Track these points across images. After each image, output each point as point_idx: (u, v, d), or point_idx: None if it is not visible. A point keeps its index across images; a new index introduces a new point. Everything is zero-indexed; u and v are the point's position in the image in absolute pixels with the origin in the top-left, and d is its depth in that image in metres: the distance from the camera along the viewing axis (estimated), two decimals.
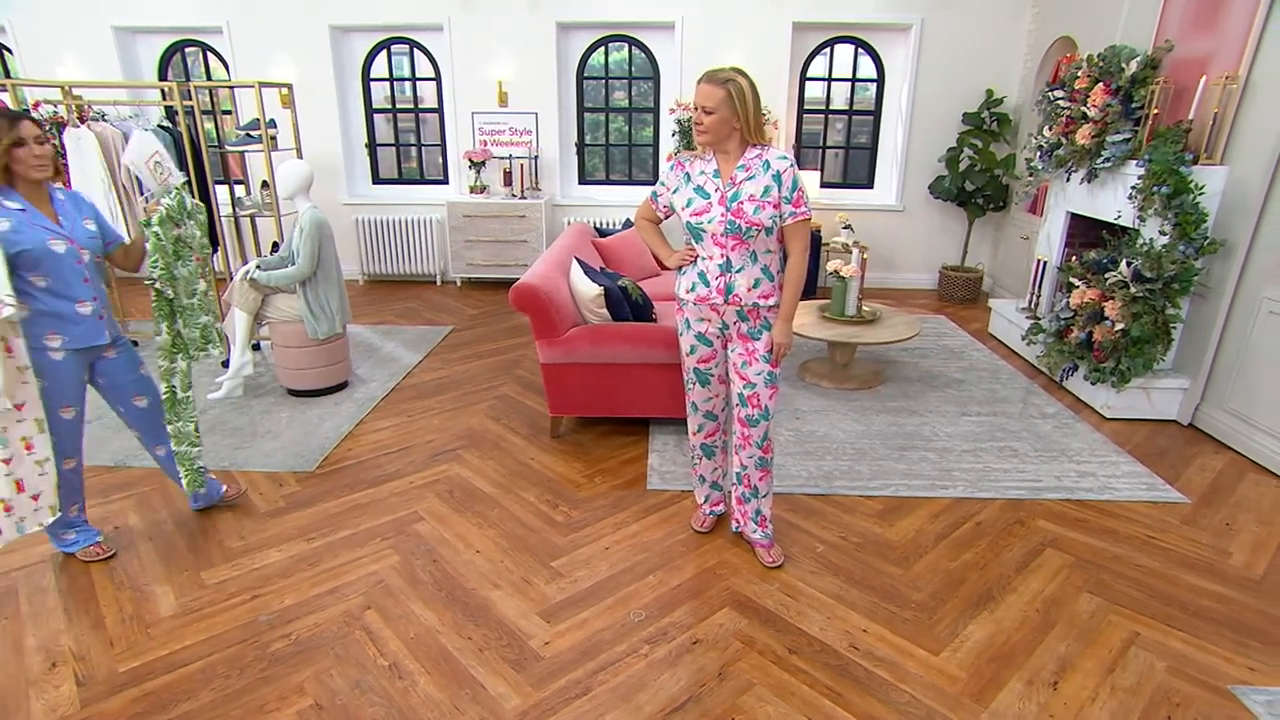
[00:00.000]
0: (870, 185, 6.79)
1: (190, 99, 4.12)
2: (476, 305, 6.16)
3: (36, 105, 4.90)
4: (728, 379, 2.60)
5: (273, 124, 4.28)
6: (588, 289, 3.44)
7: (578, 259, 3.65)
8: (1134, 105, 4.08)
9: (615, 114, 6.75)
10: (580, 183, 6.87)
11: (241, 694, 2.06)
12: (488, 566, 2.64)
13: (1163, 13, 4.15)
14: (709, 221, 2.36)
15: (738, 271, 2.39)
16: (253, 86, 4.18)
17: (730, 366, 2.55)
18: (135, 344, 4.91)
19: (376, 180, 6.93)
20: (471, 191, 6.47)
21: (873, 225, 6.64)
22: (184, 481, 2.80)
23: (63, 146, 4.18)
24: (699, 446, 2.78)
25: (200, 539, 2.80)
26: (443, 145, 6.79)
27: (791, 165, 2.34)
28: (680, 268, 2.53)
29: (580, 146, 6.77)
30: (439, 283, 6.91)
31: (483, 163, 6.32)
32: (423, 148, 6.94)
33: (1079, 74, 4.51)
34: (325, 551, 2.72)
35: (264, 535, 2.82)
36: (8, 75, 6.79)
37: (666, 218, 2.59)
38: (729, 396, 2.64)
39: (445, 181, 6.89)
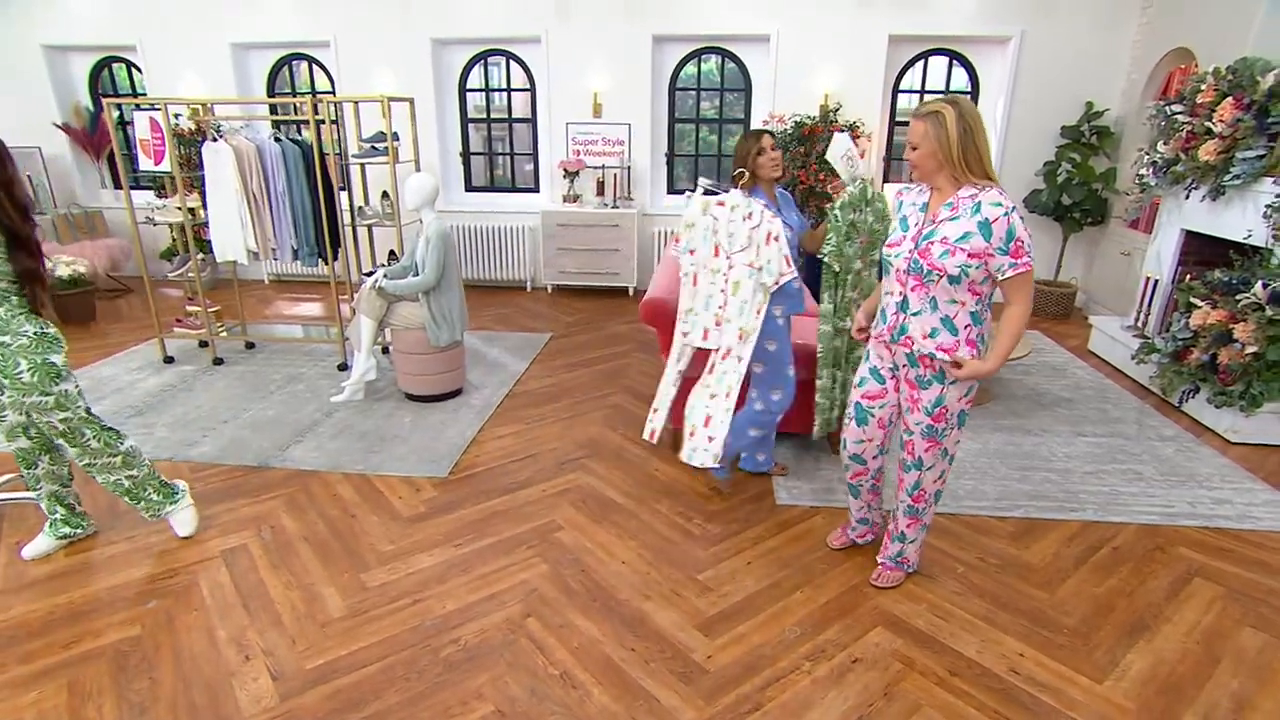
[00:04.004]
0: None
1: (306, 113, 4.29)
2: (571, 312, 6.27)
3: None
4: (888, 426, 2.53)
5: (396, 137, 4.43)
6: None
7: None
8: (1270, 120, 3.96)
9: (705, 124, 6.81)
10: (668, 192, 6.94)
11: (425, 696, 2.15)
12: (635, 578, 2.70)
13: None
14: (896, 256, 2.28)
15: (914, 314, 2.27)
16: (379, 100, 4.33)
17: (900, 409, 2.47)
18: (252, 345, 5.17)
19: (469, 188, 7.11)
20: (565, 200, 6.59)
21: None
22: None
23: (200, 159, 4.40)
24: (847, 483, 2.72)
25: (352, 541, 2.92)
26: (535, 154, 6.93)
27: (1007, 214, 2.10)
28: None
29: (670, 157, 6.83)
30: (529, 289, 7.05)
31: (576, 172, 6.43)
32: (514, 156, 7.09)
33: (1203, 87, 4.39)
34: (475, 558, 2.81)
35: (412, 540, 2.93)
36: (135, 93, 7.17)
37: None
38: (884, 444, 2.57)
39: (536, 190, 7.03)
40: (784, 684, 2.21)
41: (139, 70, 6.96)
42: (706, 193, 2.93)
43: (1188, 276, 4.44)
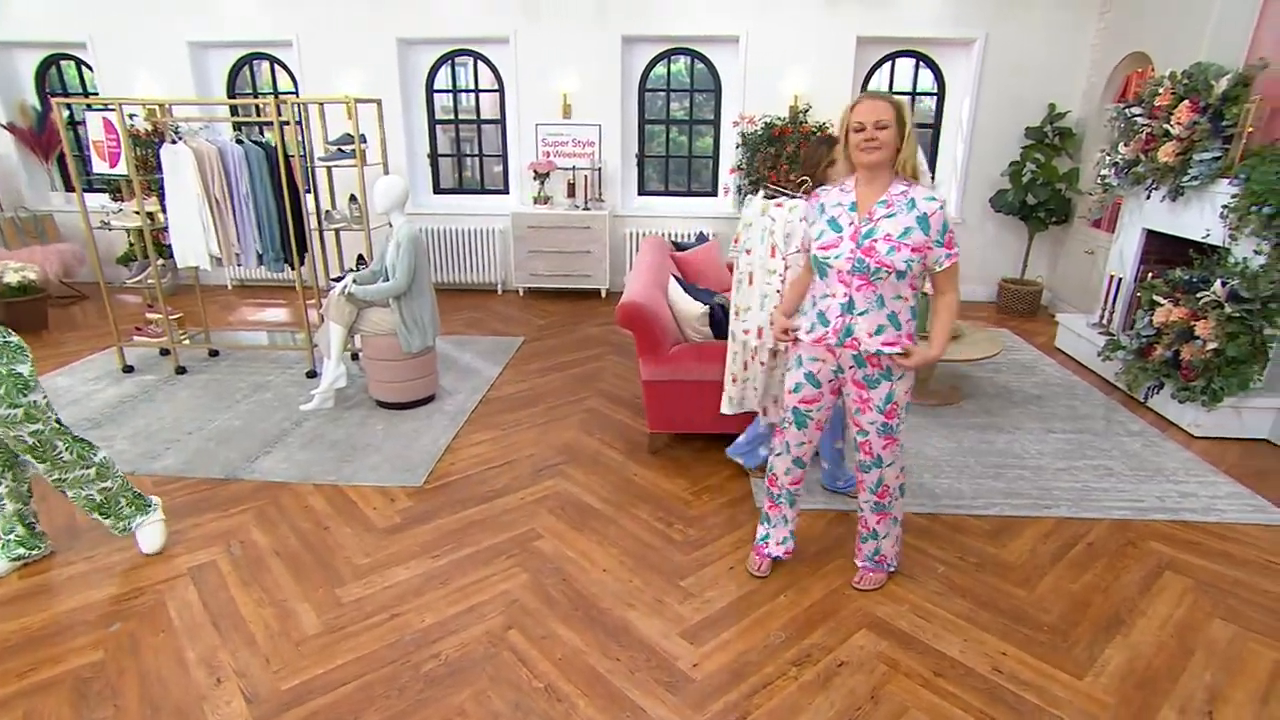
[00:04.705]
0: None
1: (270, 114, 4.18)
2: (542, 315, 6.21)
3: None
4: (823, 426, 2.55)
5: (363, 139, 4.33)
6: (691, 308, 3.47)
7: (676, 277, 3.68)
8: (1224, 123, 4.07)
9: (675, 125, 6.80)
10: (639, 194, 6.92)
11: (406, 715, 2.09)
12: (618, 586, 2.67)
13: (1256, 31, 4.15)
14: (835, 257, 2.24)
15: (860, 314, 2.26)
16: (345, 102, 4.23)
17: (847, 409, 2.48)
18: (216, 353, 5.02)
19: (437, 190, 7.01)
20: (535, 202, 6.53)
21: None
22: None
23: (158, 161, 4.26)
24: (785, 491, 2.65)
25: (326, 555, 2.85)
26: (504, 156, 6.86)
27: (941, 208, 2.20)
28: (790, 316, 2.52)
29: (640, 158, 6.81)
30: (499, 291, 6.97)
31: (547, 174, 6.37)
32: (483, 158, 7.00)
33: (1160, 90, 4.50)
34: (453, 569, 2.76)
35: (389, 552, 2.86)
36: (86, 92, 6.92)
37: None
38: (817, 445, 2.59)
39: (505, 191, 6.96)
40: (771, 690, 2.20)
41: (90, 68, 6.73)
42: (768, 195, 2.95)
43: (1149, 275, 4.55)
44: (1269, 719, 2.12)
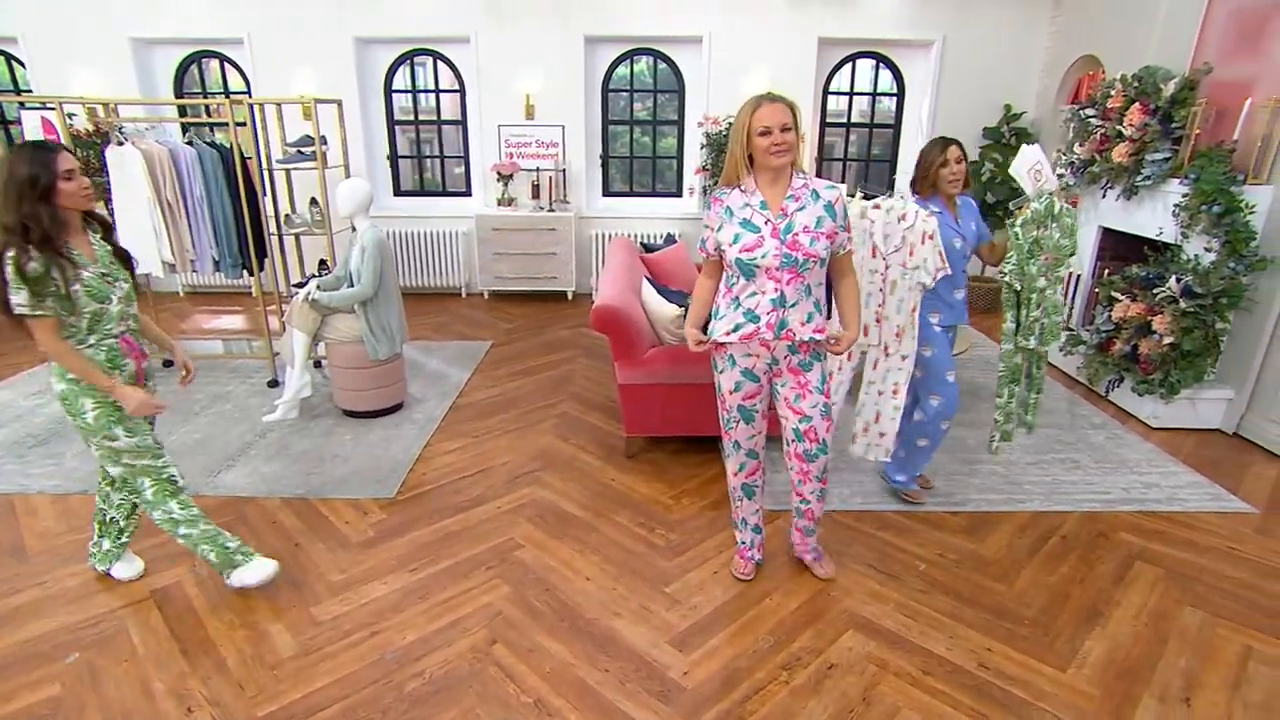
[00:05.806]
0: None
1: (225, 115, 4.02)
2: (509, 319, 6.12)
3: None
4: (765, 414, 2.54)
5: (324, 140, 4.20)
6: (665, 310, 3.45)
7: (648, 279, 3.65)
8: (1173, 125, 4.20)
9: (638, 126, 6.77)
10: (604, 195, 6.88)
11: None
12: (602, 595, 2.63)
13: (1200, 36, 4.29)
14: (762, 256, 2.24)
15: (792, 306, 2.29)
16: (304, 102, 4.10)
17: (781, 402, 2.47)
18: (170, 364, 4.80)
19: (398, 192, 6.85)
20: (499, 204, 6.43)
21: None
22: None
23: (104, 163, 4.07)
24: (740, 488, 2.65)
25: (299, 572, 2.74)
26: (466, 157, 6.74)
27: (840, 195, 2.31)
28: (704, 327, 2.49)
29: (605, 159, 6.77)
30: (464, 295, 6.86)
31: (510, 175, 6.28)
32: (444, 159, 6.87)
33: (1112, 93, 4.63)
34: (432, 583, 2.68)
35: (364, 567, 2.77)
36: (18, 90, 6.58)
37: (720, 260, 2.39)
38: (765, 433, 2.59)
39: (468, 193, 6.84)
40: (763, 696, 2.18)
41: (21, 64, 6.40)
42: (865, 197, 2.95)
43: (1107, 272, 4.68)
44: (1241, 703, 2.18)
